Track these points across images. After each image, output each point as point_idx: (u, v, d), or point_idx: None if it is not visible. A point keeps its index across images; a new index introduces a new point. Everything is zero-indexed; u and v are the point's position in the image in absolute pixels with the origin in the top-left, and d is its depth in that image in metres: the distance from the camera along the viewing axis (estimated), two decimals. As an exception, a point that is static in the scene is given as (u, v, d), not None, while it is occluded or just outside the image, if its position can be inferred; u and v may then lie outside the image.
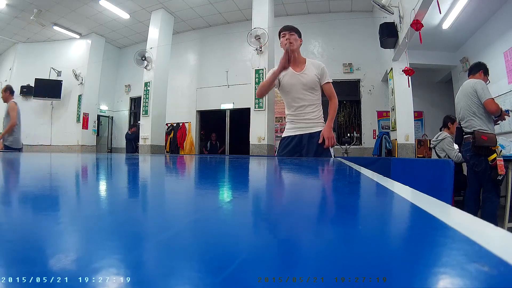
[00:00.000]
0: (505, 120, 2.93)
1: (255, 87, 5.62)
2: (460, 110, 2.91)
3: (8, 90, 4.12)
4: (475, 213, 2.86)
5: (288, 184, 0.67)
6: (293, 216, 0.29)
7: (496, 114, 2.73)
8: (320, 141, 2.04)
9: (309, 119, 2.10)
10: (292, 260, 0.15)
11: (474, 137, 2.72)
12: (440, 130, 3.82)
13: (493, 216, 2.67)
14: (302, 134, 2.10)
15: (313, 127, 2.10)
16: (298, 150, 2.11)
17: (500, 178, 2.60)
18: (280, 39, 2.19)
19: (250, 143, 5.70)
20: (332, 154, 2.09)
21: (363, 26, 6.72)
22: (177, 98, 7.90)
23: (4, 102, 4.09)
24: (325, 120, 2.16)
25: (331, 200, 0.40)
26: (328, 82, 2.12)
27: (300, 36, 2.18)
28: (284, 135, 2.20)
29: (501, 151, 2.66)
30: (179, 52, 8.03)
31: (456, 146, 3.50)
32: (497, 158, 2.59)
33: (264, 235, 0.22)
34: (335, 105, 2.13)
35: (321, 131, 2.08)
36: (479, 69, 2.85)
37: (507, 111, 2.85)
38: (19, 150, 4.00)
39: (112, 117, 9.38)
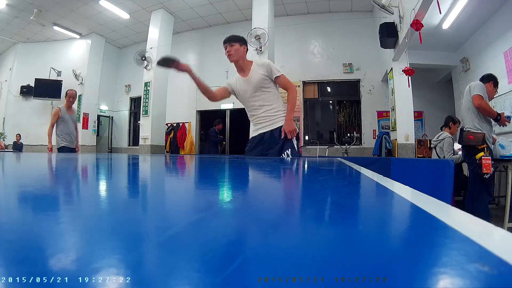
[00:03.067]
0: (505, 125, 2.96)
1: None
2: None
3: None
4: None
5: (289, 184, 0.67)
6: (294, 216, 0.29)
7: (485, 114, 2.77)
8: (282, 136, 2.08)
9: (267, 117, 2.15)
10: (292, 260, 0.15)
11: (462, 136, 2.84)
12: (441, 130, 3.82)
13: (484, 214, 2.70)
14: (264, 132, 2.16)
15: (273, 123, 2.14)
16: (260, 149, 2.17)
17: (486, 176, 2.65)
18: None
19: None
20: (295, 145, 2.10)
21: (363, 26, 6.72)
22: (177, 98, 7.90)
23: (71, 105, 4.11)
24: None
25: (331, 200, 0.40)
26: (278, 76, 2.13)
27: (244, 43, 2.20)
28: (250, 136, 2.29)
29: (489, 150, 2.69)
30: (179, 52, 8.02)
31: (457, 147, 3.51)
32: (483, 157, 2.64)
33: (264, 235, 0.22)
34: (291, 96, 2.13)
35: (281, 126, 2.11)
36: (490, 80, 2.94)
37: (508, 117, 2.87)
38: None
39: (112, 117, 9.38)
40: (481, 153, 2.66)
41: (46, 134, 4.01)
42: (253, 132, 2.25)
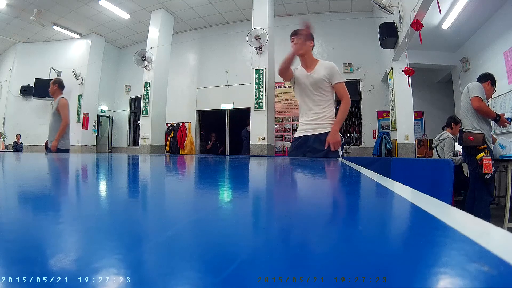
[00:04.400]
0: (506, 127, 2.97)
1: (255, 87, 5.63)
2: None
3: (57, 84, 3.65)
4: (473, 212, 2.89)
5: (288, 185, 0.67)
6: (293, 216, 0.29)
7: (485, 115, 2.78)
8: (325, 146, 2.04)
9: (315, 120, 2.12)
10: (292, 260, 0.15)
11: (462, 137, 2.85)
12: (443, 130, 3.81)
13: (485, 214, 2.71)
14: (308, 135, 2.13)
15: (319, 128, 2.10)
16: (303, 150, 2.13)
17: (487, 176, 2.66)
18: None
19: (250, 143, 5.70)
20: (340, 154, 2.07)
21: (363, 26, 6.72)
22: (177, 98, 7.90)
23: (51, 96, 3.68)
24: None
25: (331, 200, 0.40)
26: (339, 82, 2.10)
27: (311, 39, 2.17)
28: (295, 135, 2.27)
29: (489, 150, 2.71)
30: (179, 52, 8.03)
31: (458, 148, 3.51)
32: (483, 157, 2.66)
33: (264, 235, 0.22)
34: (344, 107, 2.11)
35: (328, 132, 2.07)
36: (487, 79, 2.94)
37: (509, 119, 2.90)
38: (68, 151, 3.58)
39: (112, 117, 9.38)
40: (482, 154, 2.68)
41: (46, 133, 3.86)
42: (298, 132, 2.22)
